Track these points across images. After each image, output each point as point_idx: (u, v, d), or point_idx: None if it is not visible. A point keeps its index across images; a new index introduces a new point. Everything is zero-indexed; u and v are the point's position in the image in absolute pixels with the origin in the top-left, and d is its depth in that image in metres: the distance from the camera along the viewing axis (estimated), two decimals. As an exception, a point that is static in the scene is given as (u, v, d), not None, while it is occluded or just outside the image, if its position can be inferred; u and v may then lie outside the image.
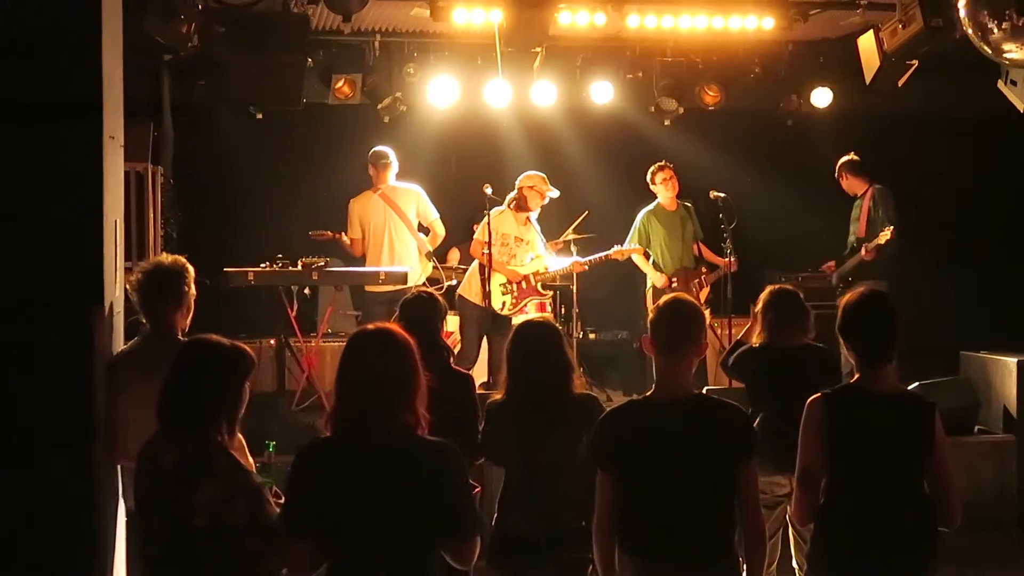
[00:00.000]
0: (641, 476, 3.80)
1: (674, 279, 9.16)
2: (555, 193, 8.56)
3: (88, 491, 4.13)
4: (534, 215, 8.68)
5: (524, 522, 4.45)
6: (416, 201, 8.77)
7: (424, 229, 8.85)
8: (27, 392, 4.03)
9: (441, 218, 8.84)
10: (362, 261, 8.79)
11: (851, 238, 9.44)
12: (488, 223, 8.26)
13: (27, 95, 4.09)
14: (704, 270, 9.28)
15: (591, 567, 4.48)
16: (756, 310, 5.69)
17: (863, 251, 9.06)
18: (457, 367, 5.37)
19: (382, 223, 8.71)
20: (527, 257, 8.61)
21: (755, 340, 5.69)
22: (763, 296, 5.66)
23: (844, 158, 9.46)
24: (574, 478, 4.43)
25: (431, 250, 8.79)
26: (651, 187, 9.30)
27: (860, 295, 4.12)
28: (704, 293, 9.24)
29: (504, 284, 8.53)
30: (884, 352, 4.01)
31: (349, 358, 3.41)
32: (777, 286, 5.75)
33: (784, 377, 5.27)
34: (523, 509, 4.47)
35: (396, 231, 8.70)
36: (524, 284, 8.55)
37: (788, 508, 5.18)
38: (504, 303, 8.51)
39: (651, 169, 9.28)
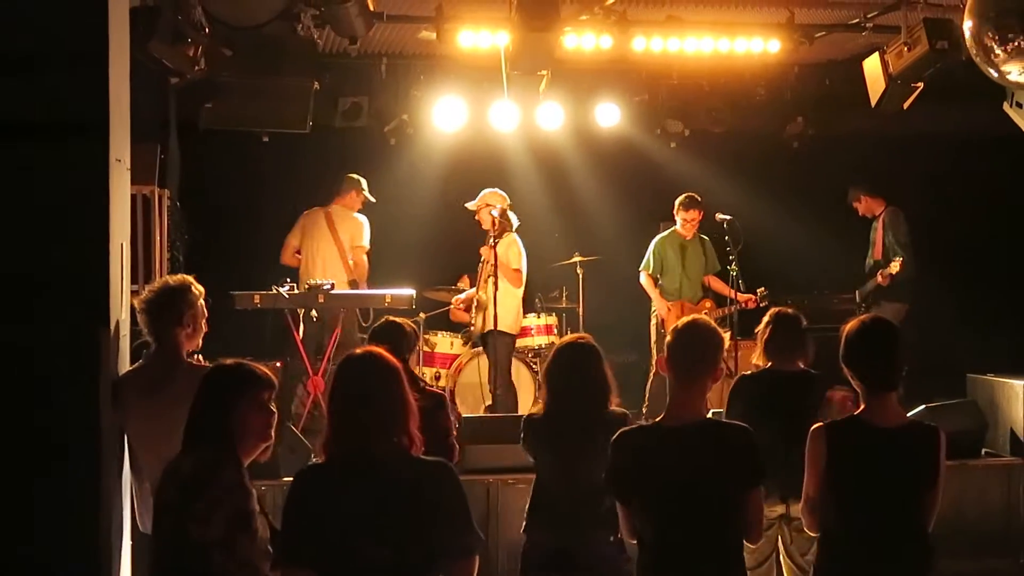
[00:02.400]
0: (646, 501, 3.80)
1: (670, 309, 9.04)
2: (502, 194, 8.63)
3: (93, 509, 4.13)
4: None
5: (556, 536, 4.50)
6: (352, 229, 8.81)
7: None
8: (32, 412, 4.04)
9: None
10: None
11: (869, 260, 9.48)
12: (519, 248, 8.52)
13: (33, 116, 4.11)
14: (708, 304, 9.21)
15: None
16: (758, 331, 5.70)
17: (879, 276, 9.11)
18: (431, 388, 5.40)
19: (317, 241, 8.79)
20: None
21: (755, 360, 5.70)
22: (765, 318, 5.69)
23: (856, 181, 9.50)
24: (607, 495, 4.47)
25: (356, 279, 8.78)
26: (675, 214, 9.22)
27: (862, 323, 4.06)
28: None
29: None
30: (888, 381, 3.95)
31: (339, 383, 3.44)
32: (778, 309, 5.78)
33: (778, 402, 5.27)
34: (556, 524, 4.53)
35: (327, 253, 8.74)
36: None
37: (780, 531, 5.28)
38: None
39: (682, 200, 9.17)
